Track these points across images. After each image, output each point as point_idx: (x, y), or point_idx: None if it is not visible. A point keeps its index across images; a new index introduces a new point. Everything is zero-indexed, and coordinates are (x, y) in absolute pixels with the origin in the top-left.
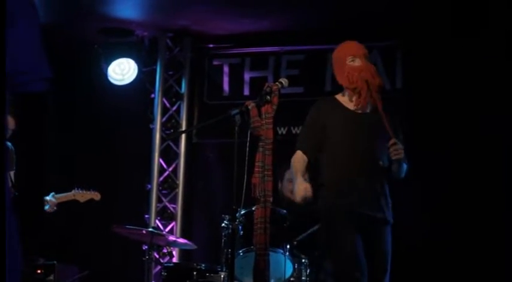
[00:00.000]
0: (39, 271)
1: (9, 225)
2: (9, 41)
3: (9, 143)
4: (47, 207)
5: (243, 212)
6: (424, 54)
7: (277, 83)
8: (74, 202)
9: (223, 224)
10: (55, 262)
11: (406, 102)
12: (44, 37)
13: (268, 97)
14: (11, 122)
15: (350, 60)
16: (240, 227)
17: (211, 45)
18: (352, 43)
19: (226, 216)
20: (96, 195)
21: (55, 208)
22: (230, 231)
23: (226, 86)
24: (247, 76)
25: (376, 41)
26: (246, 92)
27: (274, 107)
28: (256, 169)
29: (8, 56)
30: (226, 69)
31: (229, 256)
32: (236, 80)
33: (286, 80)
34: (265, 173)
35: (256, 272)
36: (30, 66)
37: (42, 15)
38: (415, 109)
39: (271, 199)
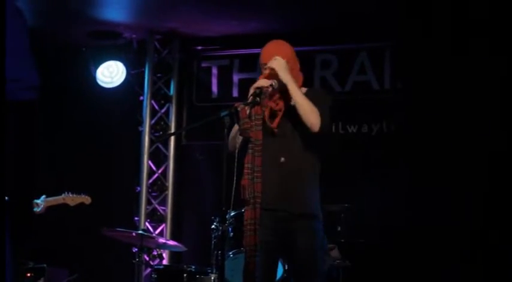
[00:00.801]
0: (29, 274)
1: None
2: None
3: None
4: (37, 210)
5: (232, 213)
6: (412, 55)
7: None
8: (64, 205)
9: (213, 226)
10: (45, 265)
11: (394, 103)
12: (33, 40)
13: (258, 98)
14: None
15: (264, 67)
16: (230, 229)
17: (199, 47)
18: (270, 47)
19: (216, 218)
20: (86, 199)
21: (43, 210)
22: (220, 233)
23: (215, 88)
24: (235, 78)
25: (365, 42)
26: (235, 93)
27: (264, 109)
28: (246, 171)
29: None
30: (214, 71)
31: (220, 258)
32: (225, 82)
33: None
34: (255, 174)
35: (246, 274)
36: (19, 75)
37: (30, 19)
38: (403, 109)
39: (260, 200)
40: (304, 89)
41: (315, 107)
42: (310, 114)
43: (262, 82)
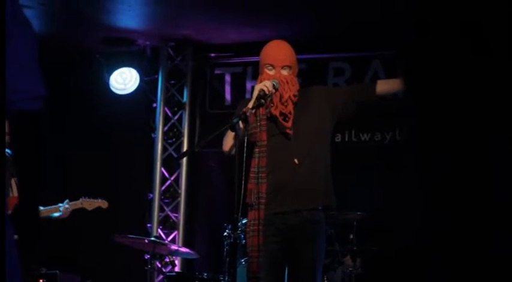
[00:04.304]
0: (41, 280)
1: (8, 236)
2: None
3: (9, 151)
4: (59, 214)
5: (244, 221)
6: (426, 62)
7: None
8: (79, 211)
9: (225, 233)
10: (57, 271)
11: (407, 111)
12: (46, 47)
13: (263, 100)
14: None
15: (268, 68)
16: (242, 236)
17: (212, 55)
18: (277, 49)
19: (229, 225)
20: (103, 203)
21: (66, 215)
22: (232, 240)
23: (228, 95)
24: (249, 85)
25: (378, 49)
26: (247, 98)
27: (267, 110)
28: (252, 175)
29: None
30: (228, 78)
31: (231, 265)
32: (238, 89)
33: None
34: (260, 175)
35: (249, 275)
36: (25, 84)
37: (44, 26)
38: (416, 118)
39: (264, 201)
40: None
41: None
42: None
43: (266, 84)
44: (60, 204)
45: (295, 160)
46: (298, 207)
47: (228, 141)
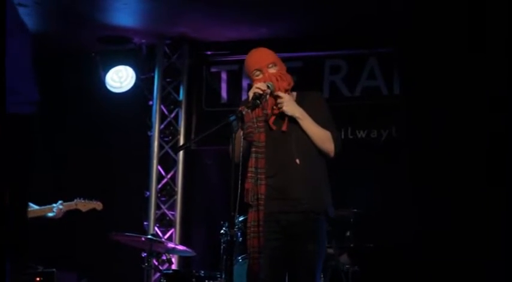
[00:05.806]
0: (38, 279)
1: None
2: None
3: None
4: (52, 215)
5: (241, 218)
6: (422, 60)
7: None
8: (75, 210)
9: (222, 231)
10: (54, 270)
11: (404, 108)
12: (42, 45)
13: (258, 101)
14: None
15: (256, 74)
16: (239, 234)
17: (209, 52)
18: (256, 54)
19: (225, 222)
20: (98, 205)
21: (59, 216)
22: (229, 237)
23: (224, 93)
24: (245, 83)
25: (374, 47)
26: (244, 98)
27: (265, 111)
28: (249, 174)
29: None
30: (224, 76)
31: (228, 263)
32: (234, 87)
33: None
34: (258, 176)
35: (250, 275)
36: (19, 88)
37: (40, 24)
38: (412, 115)
39: (263, 202)
40: (294, 94)
41: (327, 132)
42: (326, 143)
43: (260, 85)
44: (54, 205)
45: (297, 160)
46: (302, 209)
47: (236, 149)
